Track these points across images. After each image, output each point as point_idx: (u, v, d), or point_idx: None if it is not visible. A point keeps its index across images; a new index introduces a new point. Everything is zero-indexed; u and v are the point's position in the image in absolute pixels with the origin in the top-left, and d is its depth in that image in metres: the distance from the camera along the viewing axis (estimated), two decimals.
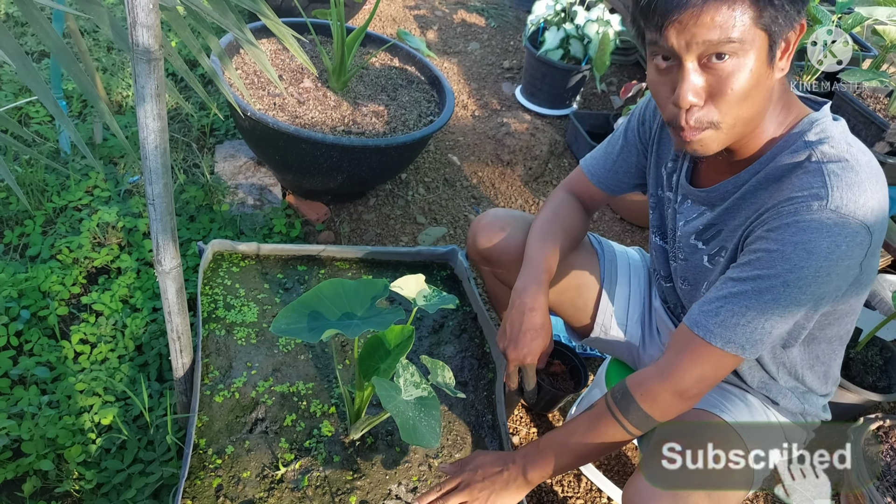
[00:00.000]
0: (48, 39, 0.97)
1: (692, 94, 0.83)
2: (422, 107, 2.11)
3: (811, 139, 0.87)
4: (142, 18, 0.75)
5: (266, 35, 2.13)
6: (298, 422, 1.25)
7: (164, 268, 1.03)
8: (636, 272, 1.31)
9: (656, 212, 1.15)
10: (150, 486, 1.26)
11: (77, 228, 1.77)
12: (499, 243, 1.28)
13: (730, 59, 0.80)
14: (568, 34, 2.73)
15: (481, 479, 1.02)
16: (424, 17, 3.57)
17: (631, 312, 1.28)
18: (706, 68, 0.82)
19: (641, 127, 1.14)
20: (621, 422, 0.95)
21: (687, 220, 1.04)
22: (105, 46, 2.60)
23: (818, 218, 0.81)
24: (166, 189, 0.94)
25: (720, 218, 0.97)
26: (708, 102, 0.84)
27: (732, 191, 0.95)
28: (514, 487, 1.02)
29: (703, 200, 1.01)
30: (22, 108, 2.15)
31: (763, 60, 0.81)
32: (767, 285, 0.84)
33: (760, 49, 0.80)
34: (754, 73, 0.81)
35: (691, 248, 1.03)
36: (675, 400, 0.92)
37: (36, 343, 1.48)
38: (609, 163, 1.21)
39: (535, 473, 1.02)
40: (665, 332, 1.22)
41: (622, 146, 1.18)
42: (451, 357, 1.46)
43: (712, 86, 0.82)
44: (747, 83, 0.81)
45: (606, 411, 0.97)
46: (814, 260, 0.81)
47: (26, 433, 1.28)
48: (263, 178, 2.06)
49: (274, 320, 1.06)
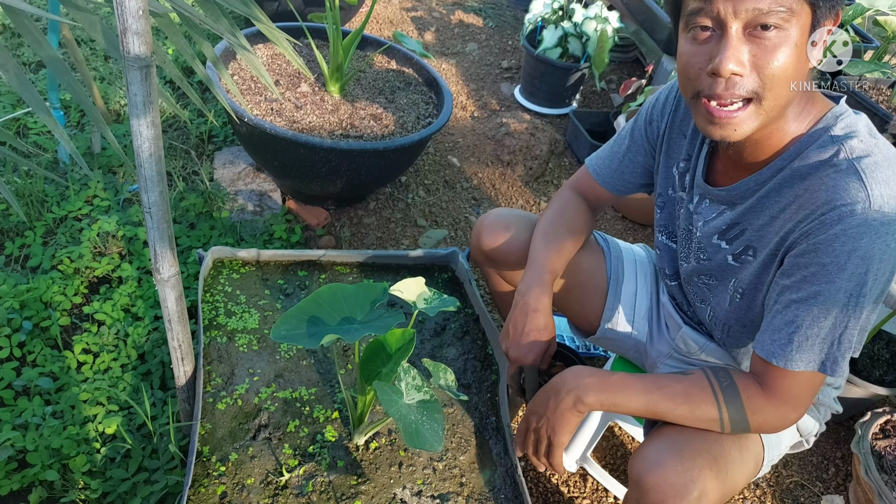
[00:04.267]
0: (42, 50, 0.97)
1: (735, 63, 0.80)
2: (420, 109, 2.10)
3: (838, 134, 0.85)
4: (132, 25, 0.74)
5: (262, 40, 2.13)
6: (301, 427, 1.24)
7: (162, 276, 1.03)
8: (642, 269, 1.30)
9: (664, 211, 1.14)
10: (154, 494, 1.26)
11: (77, 238, 1.77)
12: (503, 243, 1.27)
13: (775, 31, 0.78)
14: (566, 32, 2.72)
15: (541, 414, 1.00)
16: (421, 18, 3.56)
17: (638, 309, 1.28)
18: (751, 38, 0.80)
19: (649, 127, 1.13)
20: (721, 408, 0.90)
21: (706, 220, 1.02)
22: (102, 56, 2.60)
23: (865, 222, 0.79)
24: (162, 197, 0.93)
25: (743, 217, 0.96)
26: (752, 72, 0.81)
27: (755, 188, 0.93)
28: (570, 412, 0.97)
29: (723, 199, 0.99)
30: (20, 120, 2.15)
31: (805, 37, 0.80)
32: (833, 301, 0.83)
33: (804, 25, 0.79)
34: (798, 50, 0.80)
35: (714, 248, 1.01)
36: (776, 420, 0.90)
37: (39, 354, 1.48)
38: (615, 163, 1.20)
39: (592, 399, 0.96)
40: (673, 328, 1.21)
41: (628, 146, 1.17)
42: (453, 360, 1.45)
43: (757, 56, 0.80)
44: (791, 58, 0.80)
45: (707, 386, 0.92)
46: (871, 264, 0.80)
47: (31, 444, 1.28)
48: (263, 184, 2.06)
49: (273, 327, 1.05)
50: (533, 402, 1.03)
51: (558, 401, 0.98)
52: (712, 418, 0.91)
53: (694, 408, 0.91)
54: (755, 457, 1.00)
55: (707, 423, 0.92)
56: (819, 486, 1.66)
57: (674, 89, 1.10)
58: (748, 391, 0.90)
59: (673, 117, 1.09)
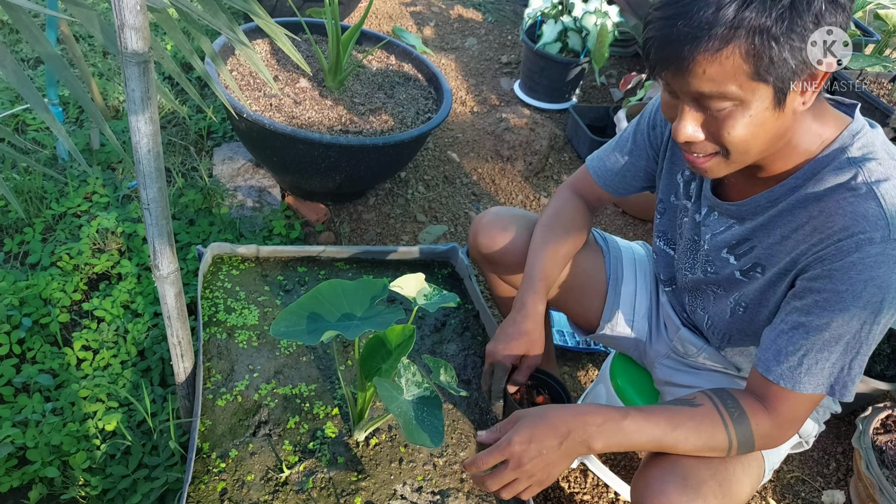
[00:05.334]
0: (40, 46, 0.96)
1: (686, 135, 0.80)
2: (419, 104, 2.09)
3: (855, 155, 0.83)
4: (129, 20, 0.74)
5: (261, 36, 2.12)
6: (302, 424, 1.24)
7: (161, 272, 1.03)
8: (642, 267, 1.30)
9: (665, 217, 1.12)
10: (155, 491, 1.26)
11: (77, 235, 1.77)
12: (500, 244, 1.26)
13: (729, 103, 0.76)
14: (566, 27, 2.71)
15: (536, 453, 0.87)
16: (420, 13, 3.55)
17: (637, 308, 1.27)
18: (704, 109, 0.79)
19: (652, 132, 1.11)
20: (731, 434, 0.88)
21: (714, 233, 1.00)
22: (101, 52, 2.59)
23: (884, 251, 0.78)
24: (161, 193, 0.93)
25: (754, 233, 0.94)
26: (708, 138, 0.81)
27: (766, 206, 0.91)
28: (572, 457, 0.90)
29: (732, 213, 0.97)
30: (19, 116, 2.14)
31: (768, 107, 0.76)
32: (846, 328, 0.81)
33: (763, 98, 0.75)
34: (756, 119, 0.77)
35: (722, 262, 0.99)
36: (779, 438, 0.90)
37: (38, 350, 1.48)
38: (617, 166, 1.17)
39: (602, 444, 0.88)
40: (672, 328, 1.21)
41: (630, 149, 1.15)
42: (453, 355, 1.45)
43: (710, 125, 0.80)
44: (747, 129, 0.78)
45: (718, 418, 0.89)
46: (887, 293, 0.79)
47: (31, 441, 1.28)
48: (262, 180, 2.05)
49: (273, 323, 1.05)
50: (522, 436, 0.88)
51: (563, 442, 0.87)
52: (723, 447, 0.89)
53: (708, 439, 0.89)
54: (758, 469, 0.99)
55: (717, 452, 0.90)
56: (820, 481, 1.67)
57: None
58: (755, 415, 0.89)
59: None
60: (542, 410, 0.92)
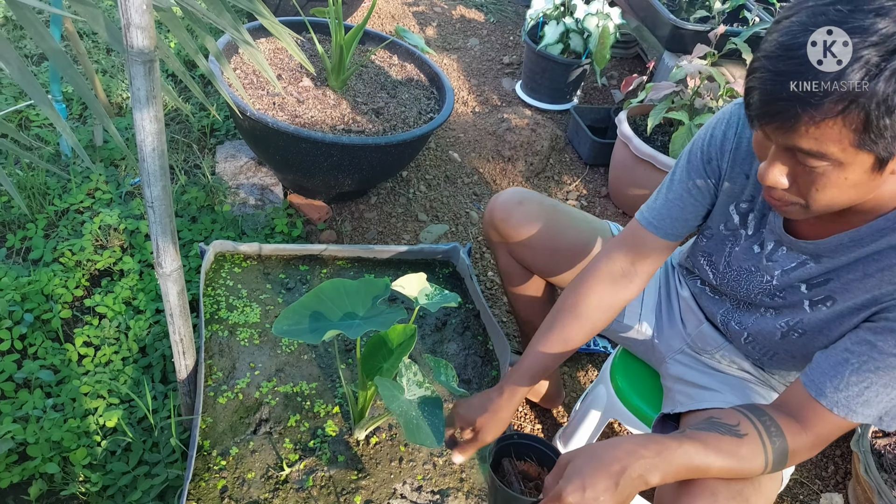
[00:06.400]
0: (44, 43, 0.97)
1: (773, 181, 0.77)
2: (421, 104, 2.10)
3: None
4: (135, 19, 0.74)
5: (264, 35, 2.12)
6: (302, 422, 1.25)
7: (164, 270, 1.03)
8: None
9: (711, 242, 1.09)
10: (155, 487, 1.26)
11: (79, 231, 1.77)
12: (516, 216, 1.28)
13: (824, 165, 0.72)
14: (567, 28, 2.72)
15: (592, 500, 0.81)
16: (423, 13, 3.55)
17: (646, 304, 1.28)
18: (796, 161, 0.74)
19: (708, 166, 1.04)
20: (768, 454, 0.87)
21: (785, 269, 0.97)
22: (105, 48, 2.59)
23: None
24: (165, 191, 0.93)
25: (834, 272, 0.91)
26: (792, 189, 0.77)
27: (849, 245, 0.87)
28: (631, 495, 0.85)
29: (807, 251, 0.93)
30: (22, 112, 2.15)
31: (866, 171, 0.72)
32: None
33: (862, 164, 0.71)
34: (849, 182, 0.73)
35: (793, 292, 0.97)
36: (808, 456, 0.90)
37: (40, 346, 1.48)
38: (675, 211, 1.09)
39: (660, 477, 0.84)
40: (693, 322, 1.20)
41: (688, 190, 1.07)
42: (454, 355, 1.46)
43: (798, 177, 0.75)
44: (837, 190, 0.74)
45: (758, 438, 0.87)
46: None
47: (32, 436, 1.29)
48: (264, 178, 2.06)
49: (275, 322, 1.05)
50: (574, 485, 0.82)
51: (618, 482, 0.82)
52: (759, 470, 0.88)
53: (751, 466, 0.87)
54: (779, 475, 0.99)
55: (754, 474, 0.88)
56: (818, 483, 1.67)
57: (731, 125, 1.00)
58: (793, 435, 0.87)
59: (734, 156, 1.00)
60: (590, 450, 0.86)
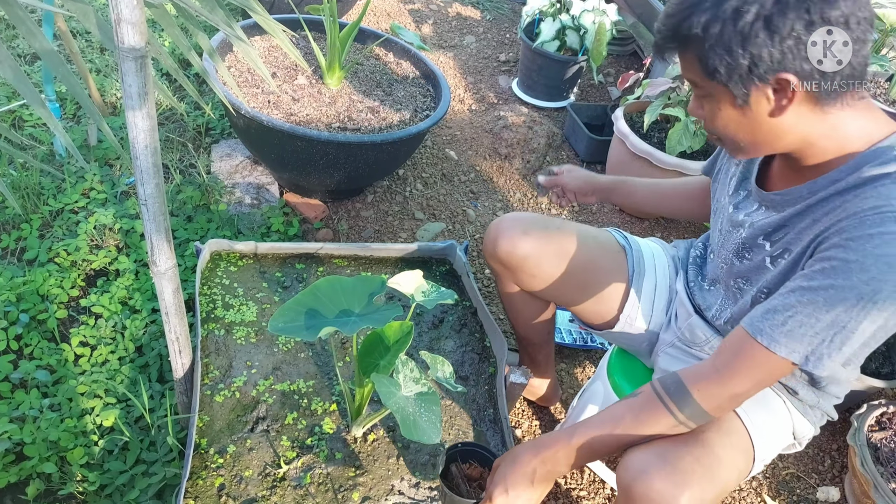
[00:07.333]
0: (36, 42, 0.96)
1: (692, 107, 0.93)
2: (418, 102, 2.09)
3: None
4: (126, 15, 0.74)
5: (259, 32, 2.12)
6: (299, 420, 1.25)
7: (159, 269, 1.03)
8: (661, 263, 1.30)
9: (716, 216, 1.15)
10: (152, 486, 1.26)
11: (74, 231, 1.77)
12: (522, 249, 1.24)
13: (702, 94, 0.89)
14: (564, 25, 2.71)
15: (515, 498, 0.99)
16: (419, 10, 3.55)
17: (657, 302, 1.27)
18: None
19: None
20: (674, 413, 0.92)
21: (753, 221, 1.01)
22: (98, 48, 2.59)
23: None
24: (158, 189, 0.93)
25: (789, 220, 0.94)
26: (708, 123, 0.92)
27: (806, 196, 0.91)
28: (548, 484, 1.01)
29: (773, 203, 0.98)
30: (16, 112, 2.14)
31: (731, 106, 0.86)
32: (841, 297, 0.80)
33: (725, 97, 0.86)
34: (727, 115, 0.88)
35: (758, 248, 1.00)
36: (730, 402, 0.91)
37: (36, 346, 1.48)
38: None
39: (566, 467, 0.99)
40: (683, 315, 1.21)
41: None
42: (451, 352, 1.46)
43: (704, 108, 0.91)
44: (719, 120, 0.89)
45: (657, 401, 0.94)
46: (893, 275, 0.77)
47: (28, 436, 1.28)
48: (260, 177, 2.05)
49: (271, 319, 1.05)
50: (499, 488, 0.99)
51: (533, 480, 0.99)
52: (671, 424, 0.93)
53: (653, 424, 0.94)
54: (744, 453, 1.00)
55: (669, 430, 0.94)
56: (815, 477, 1.67)
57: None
58: (697, 384, 0.91)
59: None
60: (511, 455, 1.02)
